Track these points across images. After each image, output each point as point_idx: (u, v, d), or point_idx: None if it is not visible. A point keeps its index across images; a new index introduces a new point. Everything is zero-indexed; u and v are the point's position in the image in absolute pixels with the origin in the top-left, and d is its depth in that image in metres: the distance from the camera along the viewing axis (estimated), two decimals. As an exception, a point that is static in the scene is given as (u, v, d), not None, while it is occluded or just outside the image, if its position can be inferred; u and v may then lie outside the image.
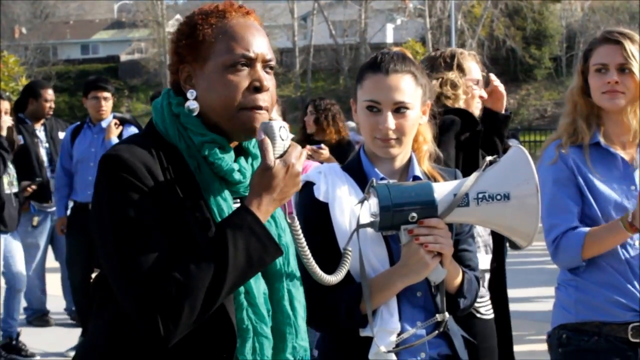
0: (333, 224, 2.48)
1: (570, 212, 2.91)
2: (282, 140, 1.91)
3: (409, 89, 2.51)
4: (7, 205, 6.57)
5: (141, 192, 1.83)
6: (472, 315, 3.41)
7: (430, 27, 40.20)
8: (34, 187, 7.01)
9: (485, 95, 3.74)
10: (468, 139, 3.57)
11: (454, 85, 3.66)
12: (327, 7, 44.16)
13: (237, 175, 1.96)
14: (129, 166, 1.83)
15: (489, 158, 2.39)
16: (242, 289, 1.90)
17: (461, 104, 3.67)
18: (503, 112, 3.75)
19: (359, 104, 2.57)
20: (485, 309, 3.54)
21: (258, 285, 1.94)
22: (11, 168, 6.66)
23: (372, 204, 2.39)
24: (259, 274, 1.94)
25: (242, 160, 2.01)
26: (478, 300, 2.91)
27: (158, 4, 44.58)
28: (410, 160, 2.61)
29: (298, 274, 2.09)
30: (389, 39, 45.62)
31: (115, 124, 6.79)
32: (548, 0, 41.75)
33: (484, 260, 3.44)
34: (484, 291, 3.53)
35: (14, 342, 6.65)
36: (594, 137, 2.98)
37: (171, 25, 41.21)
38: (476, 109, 3.75)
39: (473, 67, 3.74)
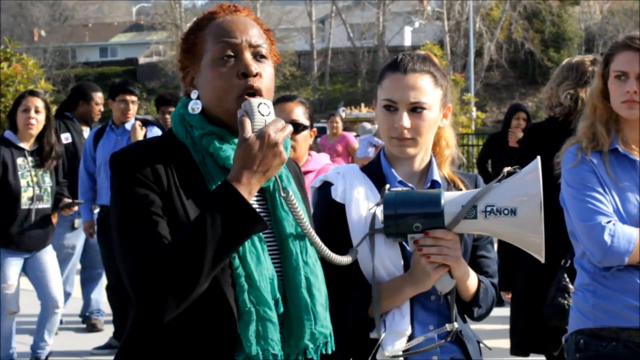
0: (348, 225, 2.48)
1: (607, 208, 2.83)
2: (263, 115, 1.94)
3: (427, 89, 2.49)
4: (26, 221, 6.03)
5: (143, 184, 1.93)
6: None
7: (449, 29, 40.14)
8: (75, 208, 6.74)
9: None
10: None
11: (571, 97, 4.22)
12: (345, 10, 44.16)
13: None
14: (131, 161, 1.95)
15: (506, 169, 2.33)
16: (242, 272, 1.92)
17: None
18: None
19: (377, 103, 2.55)
20: None
21: (261, 270, 1.94)
22: (46, 182, 6.16)
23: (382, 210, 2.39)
24: (268, 260, 1.98)
25: None
26: None
27: (176, 7, 44.73)
28: (430, 163, 2.59)
29: (318, 262, 2.10)
30: (407, 41, 45.54)
31: (140, 125, 6.86)
32: (567, 3, 41.59)
33: None
34: None
35: None
36: (613, 143, 2.94)
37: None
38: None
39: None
